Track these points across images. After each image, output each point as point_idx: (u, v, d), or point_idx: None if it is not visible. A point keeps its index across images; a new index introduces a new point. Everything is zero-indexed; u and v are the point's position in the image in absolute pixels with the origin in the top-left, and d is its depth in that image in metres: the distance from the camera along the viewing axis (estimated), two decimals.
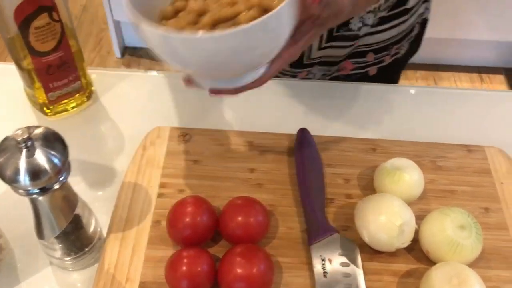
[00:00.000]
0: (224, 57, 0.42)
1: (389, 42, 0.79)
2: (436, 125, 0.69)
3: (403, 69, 0.90)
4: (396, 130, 0.68)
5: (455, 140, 0.66)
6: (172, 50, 0.43)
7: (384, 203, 0.53)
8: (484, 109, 0.71)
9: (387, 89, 0.74)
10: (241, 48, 0.42)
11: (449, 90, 0.74)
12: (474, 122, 0.69)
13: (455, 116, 0.70)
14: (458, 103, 0.71)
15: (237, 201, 0.54)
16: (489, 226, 0.57)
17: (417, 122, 0.69)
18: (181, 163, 0.61)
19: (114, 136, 0.66)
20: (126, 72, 0.74)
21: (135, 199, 0.58)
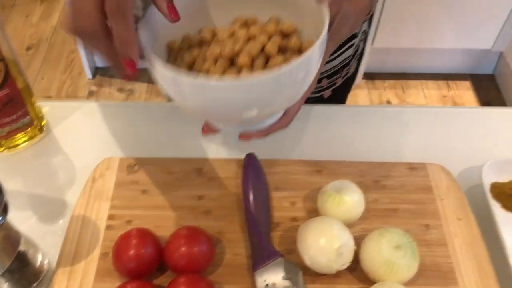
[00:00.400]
0: (259, 101, 0.44)
1: (340, 66, 0.81)
2: (382, 144, 0.71)
3: (352, 85, 0.93)
4: (344, 151, 0.69)
5: (400, 158, 0.68)
6: (208, 97, 0.43)
7: (323, 226, 0.54)
8: (429, 126, 0.73)
9: (337, 109, 0.76)
10: (275, 91, 0.43)
11: (393, 108, 0.76)
12: (419, 139, 0.71)
13: (401, 134, 0.72)
14: (404, 121, 0.74)
15: (182, 231, 0.55)
16: (429, 243, 0.59)
17: (364, 142, 0.71)
18: (130, 194, 0.62)
19: (66, 169, 0.67)
20: (78, 103, 0.75)
21: (83, 232, 0.59)
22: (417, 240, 0.59)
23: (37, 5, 2.29)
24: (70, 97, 1.95)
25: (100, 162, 0.65)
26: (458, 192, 0.64)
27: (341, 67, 0.82)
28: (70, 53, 2.10)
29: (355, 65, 0.86)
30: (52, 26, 2.20)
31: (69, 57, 2.09)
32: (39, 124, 0.69)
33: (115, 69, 0.46)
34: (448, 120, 0.74)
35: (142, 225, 0.60)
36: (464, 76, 2.10)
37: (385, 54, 2.01)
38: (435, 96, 2.02)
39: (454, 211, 0.62)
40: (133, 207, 0.61)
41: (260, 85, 0.42)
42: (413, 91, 2.04)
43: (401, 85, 2.06)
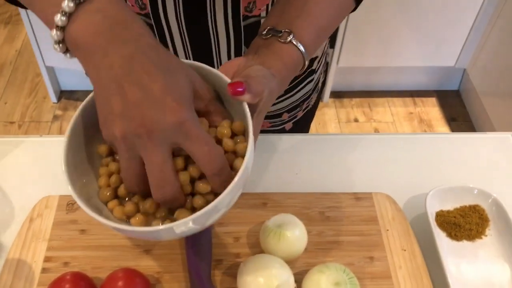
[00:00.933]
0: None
1: (300, 100, 0.81)
2: (329, 173, 0.70)
3: (314, 116, 0.93)
4: (290, 181, 0.69)
5: (347, 187, 0.67)
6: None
7: (262, 264, 0.53)
8: (376, 153, 0.73)
9: (283, 138, 0.75)
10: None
11: (340, 136, 0.76)
12: (366, 167, 0.71)
13: (348, 162, 0.72)
14: (351, 148, 0.74)
15: (118, 274, 0.54)
16: (374, 275, 0.59)
17: (311, 171, 0.71)
18: (68, 234, 0.61)
19: (3, 208, 0.65)
20: (21, 138, 0.73)
21: (17, 276, 0.57)
22: (361, 273, 0.58)
23: (0, 28, 2.25)
24: (34, 121, 1.91)
25: (39, 200, 0.64)
26: (404, 222, 0.63)
27: (302, 101, 0.82)
28: (34, 76, 2.07)
29: (315, 97, 0.86)
30: (17, 50, 2.17)
31: (33, 81, 2.06)
32: None
33: None
34: (395, 146, 0.74)
35: (79, 266, 0.58)
36: (430, 93, 2.13)
37: (351, 72, 2.03)
38: (402, 113, 2.04)
39: (399, 242, 0.62)
40: (71, 248, 0.59)
41: (170, 231, 0.44)
42: (380, 109, 2.06)
43: (368, 103, 2.08)
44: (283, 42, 0.51)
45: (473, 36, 1.86)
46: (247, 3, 0.62)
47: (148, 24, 0.65)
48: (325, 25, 0.55)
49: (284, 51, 0.51)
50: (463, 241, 0.62)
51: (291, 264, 0.57)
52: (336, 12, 0.56)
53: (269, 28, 0.52)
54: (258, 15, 0.65)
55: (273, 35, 0.51)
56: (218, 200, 0.43)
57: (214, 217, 0.46)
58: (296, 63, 0.52)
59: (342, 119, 2.00)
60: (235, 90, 0.45)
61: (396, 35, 1.84)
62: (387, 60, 1.95)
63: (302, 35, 0.51)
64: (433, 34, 1.85)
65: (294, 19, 0.52)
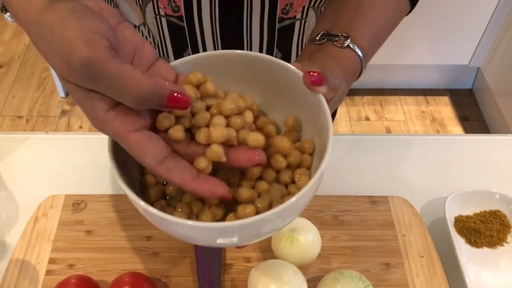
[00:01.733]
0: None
1: None
2: (343, 175, 0.68)
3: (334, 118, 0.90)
4: None
5: (361, 191, 0.65)
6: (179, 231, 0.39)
7: (274, 271, 0.51)
8: (391, 155, 0.71)
9: None
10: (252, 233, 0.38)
11: (354, 136, 0.74)
12: (381, 170, 0.69)
13: (362, 165, 0.69)
14: (365, 150, 0.71)
15: (124, 278, 0.52)
16: (390, 283, 0.56)
17: (324, 174, 0.68)
18: (73, 235, 0.59)
19: (8, 207, 0.63)
20: (26, 134, 0.71)
21: (21, 277, 0.55)
22: (377, 281, 0.56)
23: (9, 22, 2.24)
24: (42, 116, 1.90)
25: (44, 200, 0.62)
26: (421, 227, 0.61)
27: None
28: (42, 71, 2.06)
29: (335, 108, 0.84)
30: (25, 44, 2.16)
31: (41, 75, 2.05)
32: None
33: None
34: (412, 148, 0.72)
35: (85, 269, 0.56)
36: (443, 91, 2.09)
37: None
38: (414, 112, 2.01)
39: (416, 248, 0.59)
40: (76, 250, 0.58)
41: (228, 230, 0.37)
42: (392, 107, 2.02)
43: (380, 101, 2.04)
44: (340, 46, 0.47)
45: (488, 34, 1.82)
46: (284, 4, 0.60)
47: (180, 27, 0.62)
48: (382, 29, 0.51)
49: (342, 55, 0.47)
50: (483, 248, 0.60)
51: (304, 270, 0.55)
52: (392, 16, 0.53)
53: (323, 33, 0.49)
54: (293, 17, 0.62)
55: (328, 40, 0.48)
56: (301, 193, 0.37)
57: (282, 223, 0.40)
58: (354, 68, 0.48)
59: (353, 117, 1.97)
60: (313, 79, 0.41)
61: (408, 33, 1.81)
62: (400, 58, 1.92)
63: (359, 39, 0.48)
64: (446, 32, 1.81)
65: (350, 23, 0.49)
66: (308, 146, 0.43)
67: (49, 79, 2.02)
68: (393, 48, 1.87)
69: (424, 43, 1.86)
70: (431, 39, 1.84)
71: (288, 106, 0.45)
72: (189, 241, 0.41)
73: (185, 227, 0.37)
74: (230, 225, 0.36)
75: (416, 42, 1.85)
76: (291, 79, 0.43)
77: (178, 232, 0.39)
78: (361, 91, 2.06)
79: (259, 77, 0.45)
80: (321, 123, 0.42)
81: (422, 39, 1.84)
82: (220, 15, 0.60)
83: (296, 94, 0.43)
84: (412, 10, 0.56)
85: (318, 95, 0.41)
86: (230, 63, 0.45)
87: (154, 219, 0.38)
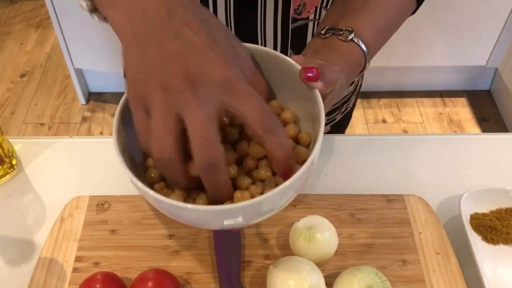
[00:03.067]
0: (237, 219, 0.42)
1: (340, 103, 0.80)
2: (359, 175, 0.69)
3: (351, 119, 0.92)
4: (319, 183, 0.68)
5: (377, 189, 0.66)
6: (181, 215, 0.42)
7: (292, 267, 0.53)
8: (407, 154, 0.72)
9: None
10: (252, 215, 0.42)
11: (369, 137, 0.75)
12: (396, 169, 0.70)
13: (378, 164, 0.70)
14: (381, 149, 0.72)
15: (148, 274, 0.54)
16: (406, 279, 0.57)
17: (340, 173, 0.69)
18: (98, 234, 0.61)
19: (36, 208, 0.66)
20: (52, 139, 0.74)
21: (49, 275, 0.57)
22: (393, 277, 0.57)
23: (31, 32, 2.30)
24: (63, 123, 1.94)
25: (70, 201, 0.64)
26: (437, 225, 0.62)
27: (341, 103, 0.80)
28: (63, 79, 2.11)
29: (354, 100, 0.85)
30: (46, 53, 2.21)
31: (62, 83, 2.09)
32: (9, 162, 0.68)
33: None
34: (427, 147, 0.73)
35: (109, 266, 0.58)
36: (460, 93, 2.08)
37: (379, 72, 2.00)
38: (431, 114, 2.01)
39: (432, 245, 0.60)
40: (101, 248, 0.60)
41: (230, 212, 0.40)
42: (409, 109, 2.02)
43: (397, 103, 2.05)
44: (344, 40, 0.49)
45: (505, 35, 1.81)
46: (297, 5, 0.62)
47: None
48: (387, 25, 0.52)
49: (346, 49, 0.49)
50: (499, 244, 0.60)
51: (321, 267, 0.56)
52: (397, 12, 0.54)
53: (328, 27, 0.50)
54: (306, 18, 0.64)
55: (333, 34, 0.49)
56: (294, 178, 0.39)
57: (281, 202, 0.43)
58: (358, 62, 0.50)
59: (370, 120, 1.98)
60: (308, 75, 0.42)
61: (425, 34, 1.81)
62: (416, 60, 1.92)
63: (363, 34, 0.49)
64: (463, 32, 1.81)
65: (355, 18, 0.50)
66: (304, 139, 0.46)
67: (70, 87, 2.07)
68: (410, 50, 1.87)
69: (441, 44, 1.85)
70: (448, 40, 1.84)
71: (289, 98, 0.48)
72: (200, 225, 0.44)
73: (195, 212, 0.40)
74: (234, 207, 0.39)
75: (432, 44, 1.85)
76: (292, 72, 0.45)
77: (187, 217, 0.42)
78: (378, 93, 2.06)
79: (264, 69, 0.47)
80: (315, 117, 0.44)
81: (438, 40, 1.84)
82: (235, 12, 0.62)
83: (296, 87, 0.46)
84: (417, 9, 0.57)
85: (314, 90, 0.43)
86: None
87: (160, 205, 0.42)
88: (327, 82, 0.43)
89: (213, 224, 0.44)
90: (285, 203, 0.44)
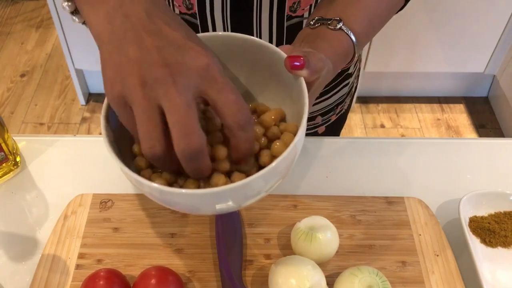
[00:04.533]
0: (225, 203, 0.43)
1: (335, 104, 0.81)
2: (360, 177, 0.70)
3: (346, 120, 0.92)
4: (320, 184, 0.69)
5: (377, 191, 0.67)
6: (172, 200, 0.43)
7: (294, 266, 0.53)
8: (407, 158, 0.72)
9: (312, 141, 0.75)
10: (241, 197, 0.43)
11: (370, 140, 0.76)
12: (396, 172, 0.71)
13: (378, 166, 0.71)
14: (381, 152, 0.73)
15: (151, 271, 0.54)
16: (406, 280, 0.58)
17: (341, 175, 0.70)
18: (101, 232, 0.61)
19: (39, 205, 0.66)
20: (55, 137, 0.74)
21: (53, 271, 0.58)
22: (393, 278, 0.58)
23: (32, 32, 2.31)
24: (63, 123, 1.95)
25: (73, 198, 0.65)
26: (436, 227, 0.62)
27: (336, 105, 0.81)
28: (64, 79, 2.11)
29: (349, 101, 0.86)
30: (47, 53, 2.22)
31: (63, 83, 2.10)
32: (13, 160, 0.68)
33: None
34: (427, 151, 0.73)
35: (112, 264, 0.59)
36: (458, 99, 2.10)
37: (378, 78, 2.01)
38: (429, 120, 2.02)
39: (431, 247, 0.61)
40: (104, 246, 0.60)
41: (213, 196, 0.41)
42: (407, 115, 2.03)
43: (395, 108, 2.06)
44: (333, 29, 0.49)
45: (503, 43, 1.83)
46: (292, 2, 0.63)
47: (193, 24, 0.66)
48: (376, 16, 0.53)
49: (334, 37, 0.49)
50: (498, 247, 0.61)
51: (322, 267, 0.56)
52: (386, 5, 0.55)
53: (317, 18, 0.51)
54: (301, 16, 0.65)
55: (321, 24, 0.50)
56: (278, 160, 0.41)
57: (267, 186, 0.44)
58: (346, 51, 0.50)
59: (368, 125, 1.99)
60: (293, 63, 0.43)
61: (424, 41, 1.82)
62: (415, 66, 1.93)
63: (352, 23, 0.50)
64: (462, 40, 1.82)
65: (344, 8, 0.51)
66: (290, 129, 0.48)
67: (70, 87, 2.07)
68: (409, 56, 1.89)
69: (440, 51, 1.87)
70: (447, 47, 1.85)
71: (275, 86, 0.49)
72: (193, 211, 0.46)
73: (189, 196, 0.41)
74: (222, 189, 0.40)
75: (431, 50, 1.86)
76: (278, 60, 0.46)
77: (182, 203, 0.43)
78: (376, 98, 2.07)
79: (253, 59, 0.49)
80: (300, 104, 0.45)
81: (437, 47, 1.85)
82: (231, 10, 0.63)
83: (282, 75, 0.47)
84: (404, 6, 0.58)
85: (299, 78, 0.44)
86: (226, 44, 0.48)
87: (153, 192, 0.42)
88: (312, 69, 0.44)
89: (205, 208, 0.44)
90: (270, 186, 0.45)
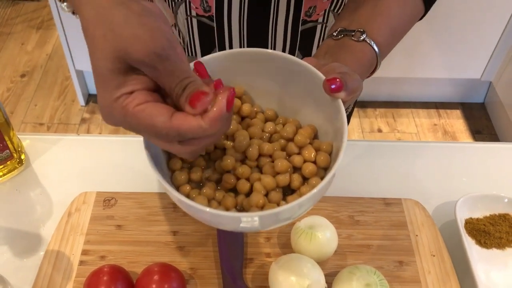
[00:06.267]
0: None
1: None
2: (358, 179, 0.71)
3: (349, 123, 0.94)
4: None
5: (375, 193, 0.68)
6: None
7: (293, 264, 0.55)
8: (405, 160, 0.74)
9: None
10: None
11: (369, 142, 0.77)
12: (394, 174, 0.72)
13: (377, 169, 0.73)
14: (380, 155, 0.74)
15: (153, 268, 0.55)
16: (403, 280, 0.59)
17: (340, 176, 0.71)
18: (105, 229, 0.62)
19: (43, 203, 0.68)
20: (59, 136, 0.75)
21: (57, 267, 0.59)
22: (390, 277, 0.59)
23: (32, 33, 2.32)
24: (62, 123, 1.96)
25: (77, 196, 0.66)
26: (433, 228, 0.64)
27: None
28: (64, 80, 2.12)
29: (352, 104, 0.87)
30: (47, 54, 2.23)
31: (62, 84, 2.11)
32: (18, 157, 0.69)
33: None
34: (425, 154, 0.75)
35: (115, 260, 0.60)
36: (455, 105, 2.12)
37: (376, 83, 2.03)
38: (426, 125, 2.04)
39: (428, 247, 0.62)
40: (107, 242, 0.61)
41: (249, 219, 0.42)
42: (404, 120, 2.05)
43: (392, 113, 2.07)
44: (356, 40, 0.50)
45: (499, 50, 1.85)
46: (308, 7, 0.64)
47: (209, 27, 0.67)
48: (398, 27, 0.54)
49: (358, 49, 0.50)
50: (492, 249, 0.63)
51: (322, 266, 0.58)
52: (408, 15, 0.55)
53: (340, 29, 0.52)
54: (315, 20, 0.66)
55: (345, 35, 0.51)
56: (316, 189, 0.41)
57: (299, 211, 0.45)
58: (370, 62, 0.51)
59: (366, 129, 2.00)
60: (332, 87, 0.43)
61: (422, 47, 1.84)
62: (412, 71, 1.95)
63: (375, 34, 0.51)
64: (459, 46, 1.84)
65: (367, 20, 0.52)
66: (325, 148, 0.47)
67: (70, 88, 2.08)
68: (406, 61, 1.90)
69: (437, 57, 1.89)
70: (444, 53, 1.87)
71: (309, 105, 0.49)
72: (219, 226, 0.48)
73: (216, 216, 0.42)
74: (254, 215, 0.42)
75: (428, 56, 1.88)
76: (313, 79, 0.46)
77: (209, 220, 0.44)
78: (374, 103, 2.09)
79: (284, 75, 0.48)
80: (338, 127, 0.45)
81: (435, 53, 1.87)
82: (248, 13, 0.64)
83: (317, 94, 0.46)
84: (426, 14, 0.59)
85: (337, 100, 0.44)
86: (254, 60, 0.48)
87: (190, 209, 0.42)
88: (349, 91, 0.44)
89: (229, 226, 0.46)
90: (302, 212, 0.46)
